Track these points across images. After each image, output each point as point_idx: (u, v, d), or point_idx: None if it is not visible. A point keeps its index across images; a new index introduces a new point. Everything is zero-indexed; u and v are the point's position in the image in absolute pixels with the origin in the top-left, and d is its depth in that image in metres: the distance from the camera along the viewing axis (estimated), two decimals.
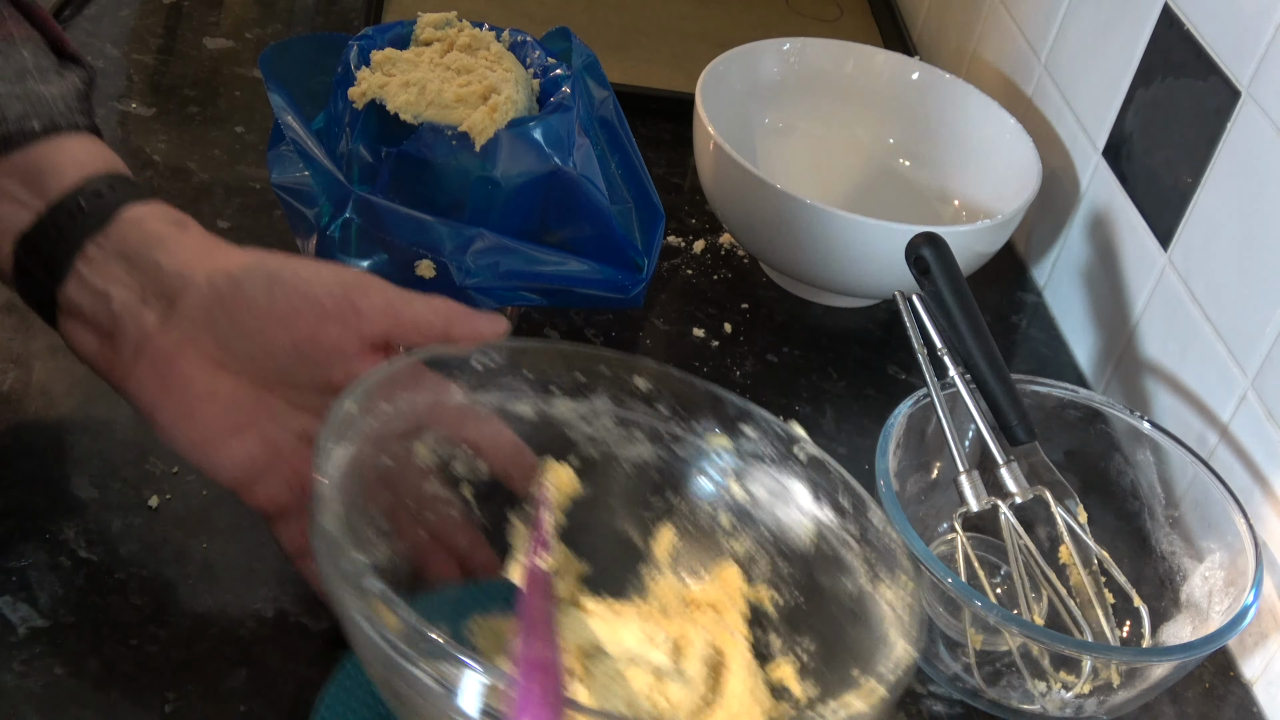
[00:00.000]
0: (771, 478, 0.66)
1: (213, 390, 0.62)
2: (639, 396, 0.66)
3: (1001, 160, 0.99)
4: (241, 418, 0.63)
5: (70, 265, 0.63)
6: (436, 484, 0.65)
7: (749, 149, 1.01)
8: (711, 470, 0.67)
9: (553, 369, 0.66)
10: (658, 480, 0.67)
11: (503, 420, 0.65)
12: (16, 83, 0.64)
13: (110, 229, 0.63)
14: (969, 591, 0.66)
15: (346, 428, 0.58)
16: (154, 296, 0.62)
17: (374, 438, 0.60)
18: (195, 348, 0.62)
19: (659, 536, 0.67)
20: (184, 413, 0.62)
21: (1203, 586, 0.73)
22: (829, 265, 0.89)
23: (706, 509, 0.67)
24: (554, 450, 0.66)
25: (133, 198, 0.65)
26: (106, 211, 0.64)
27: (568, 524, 0.65)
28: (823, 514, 0.64)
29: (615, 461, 0.67)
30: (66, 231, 0.63)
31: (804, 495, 0.65)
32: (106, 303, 0.63)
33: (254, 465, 0.63)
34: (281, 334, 0.62)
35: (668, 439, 0.67)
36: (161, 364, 0.62)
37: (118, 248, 0.63)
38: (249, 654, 0.65)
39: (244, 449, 0.63)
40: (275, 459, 0.64)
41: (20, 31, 0.66)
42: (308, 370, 0.63)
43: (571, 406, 0.66)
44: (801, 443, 0.65)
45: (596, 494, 0.67)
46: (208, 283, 0.62)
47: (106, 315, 0.63)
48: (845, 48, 1.05)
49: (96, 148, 0.66)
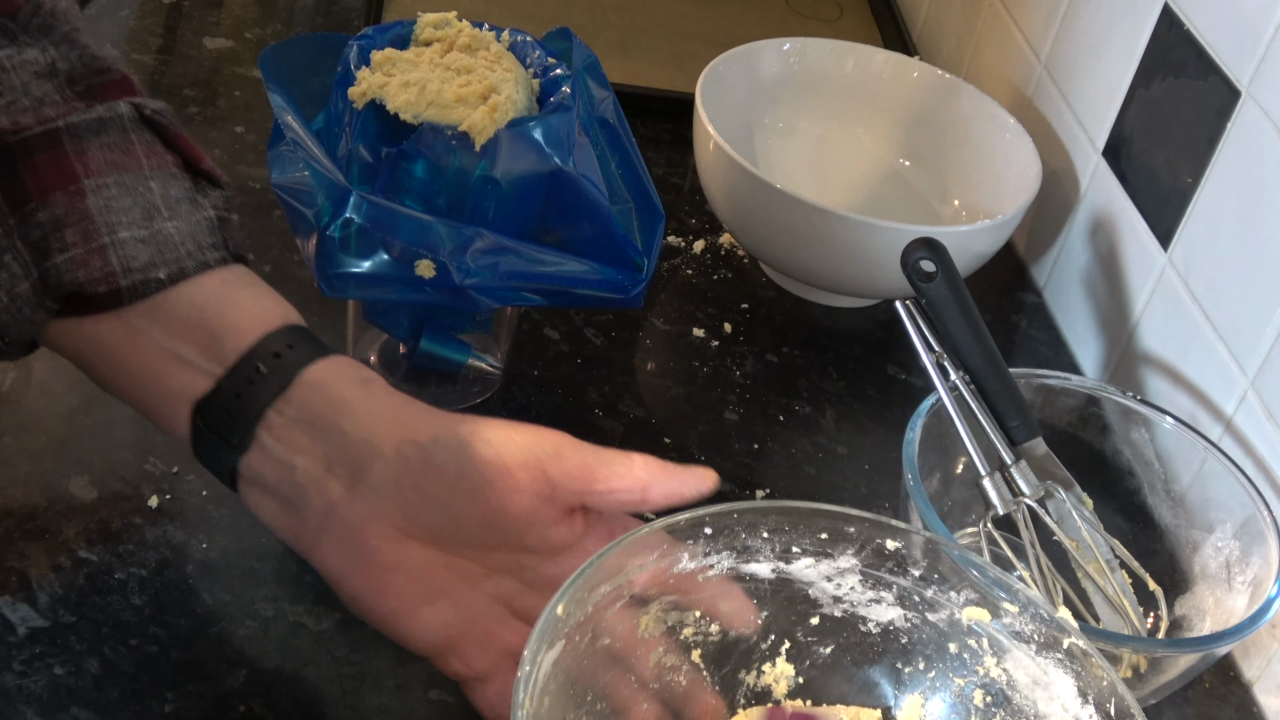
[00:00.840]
0: (1033, 662, 0.62)
1: (401, 560, 0.60)
2: (888, 557, 0.64)
3: (1002, 160, 0.99)
4: (433, 585, 0.61)
5: (252, 435, 0.60)
6: (663, 653, 0.63)
7: (749, 149, 1.01)
8: (968, 642, 0.64)
9: (793, 528, 0.64)
10: (906, 645, 0.65)
11: (736, 582, 0.63)
12: (144, 225, 0.62)
13: (292, 393, 0.61)
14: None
15: (556, 633, 0.57)
16: (340, 466, 0.60)
17: (589, 623, 0.59)
18: (383, 519, 0.60)
19: (906, 705, 0.66)
20: (374, 584, 0.60)
21: (1216, 557, 0.73)
22: (829, 265, 0.89)
23: (958, 682, 0.65)
24: (795, 609, 0.65)
25: (312, 355, 0.62)
26: (288, 375, 0.61)
27: (806, 682, 0.65)
28: (1085, 716, 0.60)
29: (860, 622, 0.65)
30: (246, 399, 0.60)
31: (1069, 691, 0.61)
32: (290, 473, 0.60)
33: (449, 632, 0.61)
34: (472, 506, 0.60)
35: (919, 604, 0.64)
36: (348, 535, 0.60)
37: (301, 414, 0.61)
38: (249, 654, 0.65)
39: (437, 618, 0.61)
40: (469, 625, 0.61)
41: (152, 160, 0.63)
42: (500, 538, 0.61)
43: (813, 565, 0.64)
44: (1071, 635, 0.61)
45: (838, 653, 0.66)
46: (396, 454, 0.60)
47: (290, 486, 0.60)
48: (845, 48, 1.05)
49: (260, 295, 0.64)
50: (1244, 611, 0.70)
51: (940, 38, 1.25)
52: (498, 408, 0.81)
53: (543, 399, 0.83)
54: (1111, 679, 0.60)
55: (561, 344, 0.87)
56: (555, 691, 0.57)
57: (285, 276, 0.87)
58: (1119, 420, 0.79)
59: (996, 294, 1.01)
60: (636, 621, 0.62)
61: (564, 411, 0.82)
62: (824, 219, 0.86)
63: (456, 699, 0.66)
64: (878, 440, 0.86)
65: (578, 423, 0.82)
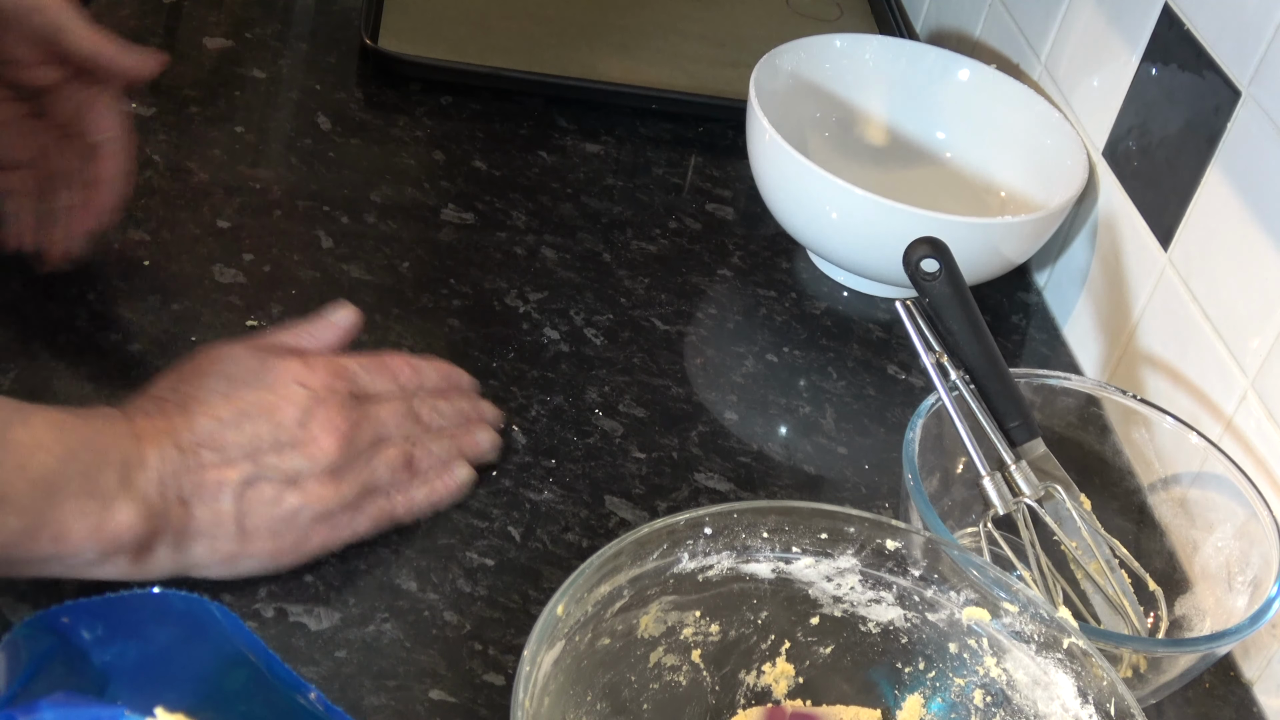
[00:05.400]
0: (1033, 662, 0.62)
1: None
2: (888, 557, 0.64)
3: (1048, 155, 1.00)
4: None
5: None
6: (663, 653, 0.64)
7: (799, 143, 1.02)
8: (968, 642, 0.64)
9: (793, 528, 0.64)
10: (906, 645, 0.65)
11: (737, 581, 0.64)
12: None
13: None
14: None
15: (556, 633, 0.57)
16: None
17: (589, 623, 0.59)
18: None
19: (907, 705, 0.66)
20: None
21: (1216, 557, 0.73)
22: (882, 256, 0.90)
23: (958, 682, 0.65)
24: (795, 609, 0.65)
25: None
26: None
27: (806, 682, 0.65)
28: (1085, 716, 0.61)
29: (860, 622, 0.66)
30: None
31: (1069, 691, 0.61)
32: None
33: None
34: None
35: (919, 604, 0.65)
36: None
37: None
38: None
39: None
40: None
41: None
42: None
43: (813, 565, 0.64)
44: (1071, 635, 0.61)
45: (838, 653, 0.66)
46: None
47: None
48: (896, 45, 1.07)
49: None
50: (1244, 611, 0.70)
51: (940, 38, 1.25)
52: (497, 407, 0.81)
53: (543, 399, 0.83)
54: (1111, 679, 0.60)
55: (561, 344, 0.87)
56: (555, 691, 0.57)
57: (286, 277, 0.87)
58: (1119, 420, 0.79)
59: (996, 293, 1.01)
60: (636, 621, 0.62)
61: (564, 411, 0.82)
62: (882, 211, 0.88)
63: (457, 699, 0.66)
64: (878, 440, 0.86)
65: (578, 422, 0.82)
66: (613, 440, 0.82)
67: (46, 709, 0.52)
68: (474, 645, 0.69)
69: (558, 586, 0.58)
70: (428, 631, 0.69)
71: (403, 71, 1.07)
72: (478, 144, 1.03)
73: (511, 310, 0.89)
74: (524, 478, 0.78)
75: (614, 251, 0.96)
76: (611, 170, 1.04)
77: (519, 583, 0.72)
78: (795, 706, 0.66)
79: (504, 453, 0.79)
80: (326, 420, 0.67)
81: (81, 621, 0.60)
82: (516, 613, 0.71)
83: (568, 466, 0.79)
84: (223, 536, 0.65)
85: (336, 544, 0.69)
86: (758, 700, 0.66)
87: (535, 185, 1.00)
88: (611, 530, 0.76)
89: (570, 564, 0.69)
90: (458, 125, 1.04)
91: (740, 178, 1.05)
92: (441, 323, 0.87)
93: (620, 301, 0.92)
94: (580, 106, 1.09)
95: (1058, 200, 0.93)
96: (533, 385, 0.84)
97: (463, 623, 0.70)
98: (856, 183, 0.88)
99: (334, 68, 1.07)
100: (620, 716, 0.61)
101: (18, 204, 0.80)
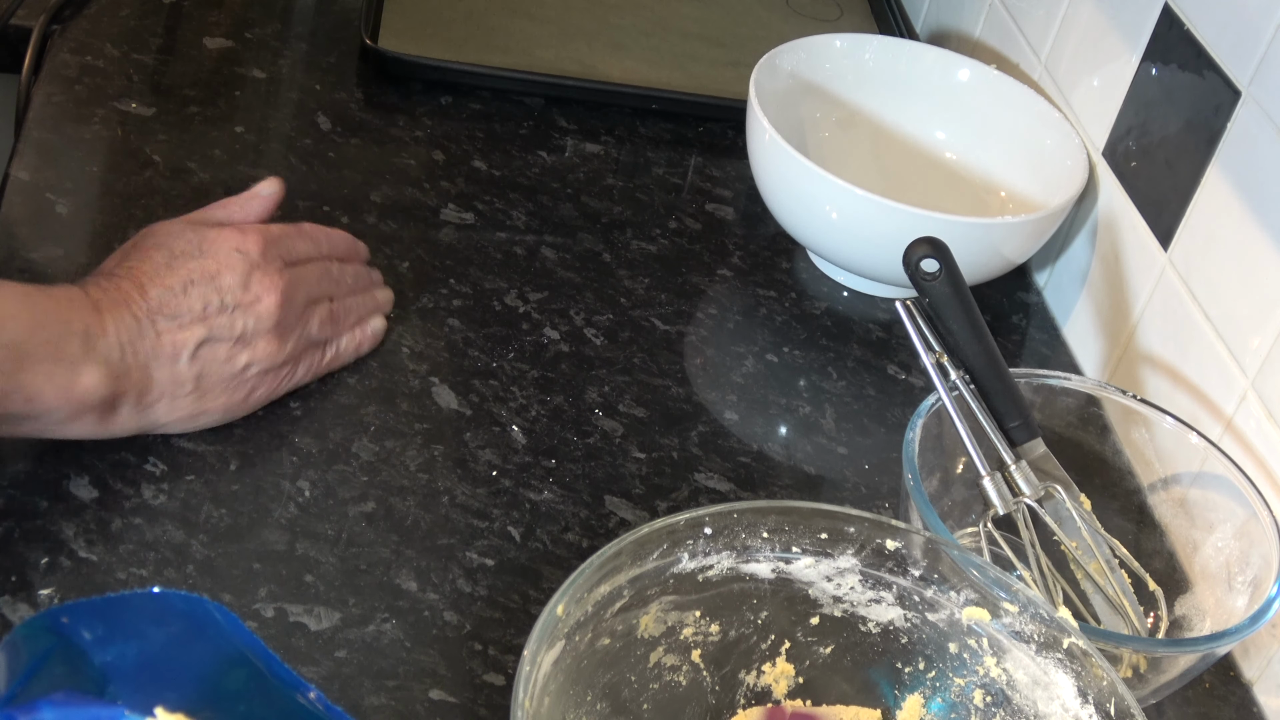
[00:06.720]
0: (1033, 662, 0.62)
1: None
2: (888, 557, 0.64)
3: (1048, 155, 1.00)
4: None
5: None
6: (663, 653, 0.64)
7: (799, 143, 1.02)
8: (968, 642, 0.64)
9: (793, 528, 0.64)
10: (906, 645, 0.65)
11: (737, 581, 0.64)
12: None
13: None
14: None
15: (556, 633, 0.57)
16: None
17: (589, 623, 0.59)
18: None
19: (907, 705, 0.66)
20: None
21: (1216, 557, 0.73)
22: (882, 256, 0.90)
23: (958, 682, 0.65)
24: (795, 609, 0.65)
25: None
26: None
27: (806, 682, 0.65)
28: (1085, 716, 0.61)
29: (860, 622, 0.66)
30: None
31: (1069, 691, 0.61)
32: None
33: None
34: None
35: (919, 604, 0.65)
36: None
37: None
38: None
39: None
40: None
41: None
42: None
43: (813, 565, 0.64)
44: (1071, 635, 0.61)
45: (838, 653, 0.66)
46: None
47: None
48: (896, 45, 1.07)
49: None
50: (1244, 611, 0.70)
51: (940, 38, 1.25)
52: (498, 406, 0.81)
53: (543, 399, 0.83)
54: (1111, 679, 0.60)
55: (561, 344, 0.87)
56: (555, 691, 0.57)
57: None
58: (1119, 420, 0.79)
59: (996, 293, 1.01)
60: (636, 621, 0.62)
61: (564, 411, 0.82)
62: (883, 212, 0.88)
63: (457, 699, 0.66)
64: (878, 440, 0.86)
65: (578, 422, 0.82)
66: (613, 440, 0.82)
67: (46, 709, 0.53)
68: (474, 645, 0.69)
69: (558, 586, 0.58)
70: (428, 631, 0.69)
71: (402, 71, 1.07)
72: (477, 144, 1.03)
73: (511, 310, 0.89)
74: (524, 478, 0.78)
75: (614, 251, 0.96)
76: (611, 170, 1.04)
77: (519, 583, 0.72)
78: (795, 706, 0.66)
79: (504, 453, 0.79)
80: (266, 282, 0.74)
81: (81, 621, 0.60)
82: (516, 613, 0.71)
83: (568, 466, 0.79)
84: (181, 395, 0.72)
85: (277, 395, 0.77)
86: (758, 700, 0.66)
87: (535, 185, 1.00)
88: (611, 530, 0.76)
89: (570, 564, 0.69)
90: (457, 125, 1.04)
91: (740, 178, 1.06)
92: (441, 323, 0.87)
93: (620, 301, 0.92)
94: (580, 106, 1.09)
95: (1058, 200, 0.93)
96: (533, 385, 0.84)
97: (463, 623, 0.70)
98: (856, 183, 0.88)
99: (334, 68, 1.07)
100: (620, 716, 0.61)
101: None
